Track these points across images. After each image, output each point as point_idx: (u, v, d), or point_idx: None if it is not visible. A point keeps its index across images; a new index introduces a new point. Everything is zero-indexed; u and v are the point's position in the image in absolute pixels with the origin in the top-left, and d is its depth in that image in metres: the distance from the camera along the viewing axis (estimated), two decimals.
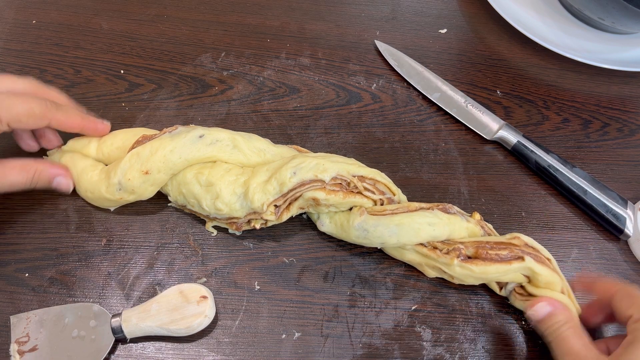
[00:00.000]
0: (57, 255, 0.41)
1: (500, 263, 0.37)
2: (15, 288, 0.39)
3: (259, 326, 0.39)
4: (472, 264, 0.37)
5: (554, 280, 0.37)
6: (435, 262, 0.39)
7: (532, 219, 0.45)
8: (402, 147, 0.48)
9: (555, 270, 0.38)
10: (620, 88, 0.53)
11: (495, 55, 0.55)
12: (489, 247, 0.38)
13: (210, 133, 0.40)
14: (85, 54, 0.51)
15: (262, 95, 0.50)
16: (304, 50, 0.53)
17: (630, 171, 0.48)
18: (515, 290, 0.39)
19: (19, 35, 0.52)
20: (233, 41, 0.53)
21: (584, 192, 0.45)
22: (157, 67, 0.51)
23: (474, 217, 0.41)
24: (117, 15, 0.54)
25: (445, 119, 0.50)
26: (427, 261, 0.39)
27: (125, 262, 0.41)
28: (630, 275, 0.43)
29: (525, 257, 0.37)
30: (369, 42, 0.54)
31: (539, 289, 0.38)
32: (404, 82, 0.52)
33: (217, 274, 0.41)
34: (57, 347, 0.36)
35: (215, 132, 0.40)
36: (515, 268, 0.37)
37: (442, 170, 0.47)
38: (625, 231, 0.43)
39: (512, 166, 0.48)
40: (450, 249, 0.38)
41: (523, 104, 0.52)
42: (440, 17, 0.57)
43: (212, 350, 0.38)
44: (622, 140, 0.50)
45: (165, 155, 0.38)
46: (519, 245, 0.38)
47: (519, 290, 0.39)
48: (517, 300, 0.39)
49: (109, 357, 0.37)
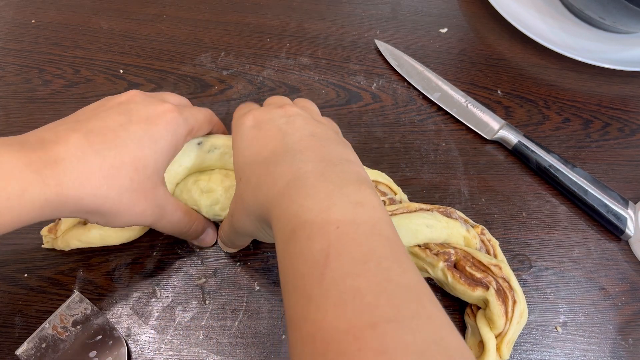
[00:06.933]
0: (56, 255, 0.41)
1: (467, 286, 0.36)
2: (14, 288, 0.39)
3: (259, 327, 0.39)
4: (450, 274, 0.37)
5: (498, 323, 0.35)
6: (423, 261, 0.38)
7: (532, 219, 0.45)
8: (402, 146, 0.48)
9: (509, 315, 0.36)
10: (621, 88, 0.53)
11: (496, 54, 0.55)
12: (470, 263, 0.37)
13: (209, 140, 0.39)
14: (84, 54, 0.51)
15: (262, 94, 0.50)
16: (304, 50, 0.53)
17: (631, 171, 0.48)
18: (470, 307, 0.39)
19: (18, 35, 0.52)
20: (233, 41, 0.53)
21: (584, 192, 0.44)
22: (157, 66, 0.51)
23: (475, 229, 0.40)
24: (117, 15, 0.54)
25: (445, 119, 0.50)
26: (416, 261, 0.39)
27: (124, 262, 0.41)
28: (631, 276, 0.43)
29: (491, 287, 0.36)
30: (369, 42, 0.54)
31: (482, 319, 0.37)
32: (404, 81, 0.52)
33: (216, 275, 0.41)
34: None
35: (213, 139, 0.39)
36: (477, 296, 0.36)
37: (443, 170, 0.47)
38: (626, 231, 0.43)
39: (512, 166, 0.48)
40: (440, 251, 0.38)
41: (524, 104, 0.51)
42: (441, 17, 0.57)
43: (211, 351, 0.38)
44: (623, 140, 0.50)
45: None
46: (496, 274, 0.37)
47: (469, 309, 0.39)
48: (468, 316, 0.39)
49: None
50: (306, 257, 0.25)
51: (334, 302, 0.22)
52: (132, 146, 0.32)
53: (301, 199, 0.27)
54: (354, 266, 0.24)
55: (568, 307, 0.41)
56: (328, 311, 0.22)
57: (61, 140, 0.29)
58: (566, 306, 0.41)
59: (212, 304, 0.39)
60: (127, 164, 0.31)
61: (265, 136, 0.32)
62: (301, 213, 0.26)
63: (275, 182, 0.29)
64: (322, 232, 0.25)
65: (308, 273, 0.24)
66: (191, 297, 0.40)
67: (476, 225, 0.41)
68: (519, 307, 0.36)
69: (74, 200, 0.29)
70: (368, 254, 0.24)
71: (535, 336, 0.40)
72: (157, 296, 0.39)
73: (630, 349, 0.40)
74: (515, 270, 0.41)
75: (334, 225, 0.25)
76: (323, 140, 0.32)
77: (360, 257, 0.24)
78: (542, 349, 0.39)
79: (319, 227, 0.25)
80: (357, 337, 0.21)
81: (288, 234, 0.26)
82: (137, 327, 0.38)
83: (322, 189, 0.27)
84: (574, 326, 0.40)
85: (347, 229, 0.25)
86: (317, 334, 0.22)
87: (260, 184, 0.30)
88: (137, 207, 0.32)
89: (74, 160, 0.29)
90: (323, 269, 0.24)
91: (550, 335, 0.40)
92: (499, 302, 0.36)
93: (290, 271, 0.26)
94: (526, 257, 0.43)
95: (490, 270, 0.37)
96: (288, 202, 0.28)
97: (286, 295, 0.26)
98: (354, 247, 0.24)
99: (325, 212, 0.26)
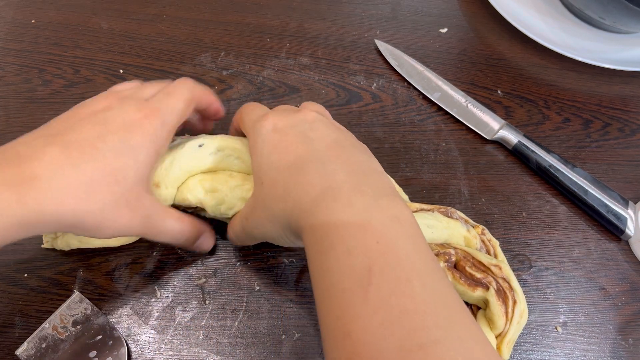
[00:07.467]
0: (56, 256, 0.41)
1: (467, 287, 0.36)
2: (14, 288, 0.39)
3: (259, 327, 0.39)
4: (450, 275, 0.37)
5: (498, 323, 0.35)
6: None
7: (532, 219, 0.45)
8: (402, 146, 0.48)
9: (509, 315, 0.36)
10: (621, 88, 0.53)
11: (496, 54, 0.55)
12: (470, 264, 0.37)
13: (212, 142, 0.38)
14: (84, 54, 0.51)
15: (262, 94, 0.50)
16: (304, 50, 0.53)
17: (631, 171, 0.48)
18: (470, 307, 0.39)
19: (18, 35, 0.52)
20: (232, 41, 0.53)
21: (584, 192, 0.44)
22: (157, 66, 0.51)
23: (475, 229, 0.40)
24: (116, 15, 0.54)
25: (445, 119, 0.50)
26: None
27: (124, 262, 0.41)
28: (631, 276, 0.43)
29: (491, 287, 0.36)
30: (369, 42, 0.54)
31: (482, 320, 0.36)
32: (404, 81, 0.52)
33: (216, 275, 0.41)
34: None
35: (216, 140, 0.38)
36: (477, 296, 0.36)
37: (443, 170, 0.47)
38: (626, 231, 0.43)
39: (512, 166, 0.48)
40: (440, 252, 0.38)
41: (524, 104, 0.51)
42: (441, 17, 0.57)
43: (211, 351, 0.38)
44: (623, 140, 0.50)
45: (166, 168, 0.37)
46: (496, 274, 0.37)
47: (469, 310, 0.38)
48: None
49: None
50: (347, 273, 0.24)
51: (381, 322, 0.23)
52: (110, 157, 0.31)
53: (338, 211, 0.27)
54: (398, 284, 0.24)
55: (568, 307, 0.41)
56: (376, 332, 0.22)
57: (37, 155, 0.29)
58: (566, 306, 0.41)
59: (212, 304, 0.39)
60: (107, 176, 0.30)
61: (289, 141, 0.32)
62: (339, 225, 0.26)
63: (306, 191, 0.28)
64: (362, 247, 0.25)
65: (349, 289, 0.24)
66: (191, 297, 0.40)
67: (476, 225, 0.41)
68: (519, 307, 0.36)
69: (54, 218, 0.28)
70: (411, 271, 0.24)
71: (535, 336, 0.40)
72: (157, 296, 0.39)
73: (631, 349, 0.40)
74: (516, 270, 0.41)
75: (374, 240, 0.25)
76: (348, 147, 0.32)
77: (404, 275, 0.24)
78: (542, 349, 0.39)
79: (359, 241, 0.25)
80: (406, 358, 0.21)
81: (325, 247, 0.26)
82: (137, 327, 0.38)
83: (358, 202, 0.27)
84: (574, 326, 0.40)
85: (387, 245, 0.25)
86: (364, 352, 0.22)
87: (289, 191, 0.29)
88: (121, 219, 0.31)
89: (51, 176, 0.28)
90: (367, 286, 0.23)
91: (550, 335, 0.40)
92: (499, 302, 0.36)
93: (327, 285, 0.25)
94: (526, 257, 0.43)
95: (490, 270, 0.37)
96: (324, 214, 0.27)
97: (323, 309, 0.25)
98: (397, 264, 0.24)
99: (364, 227, 0.26)
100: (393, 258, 0.25)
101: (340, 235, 0.26)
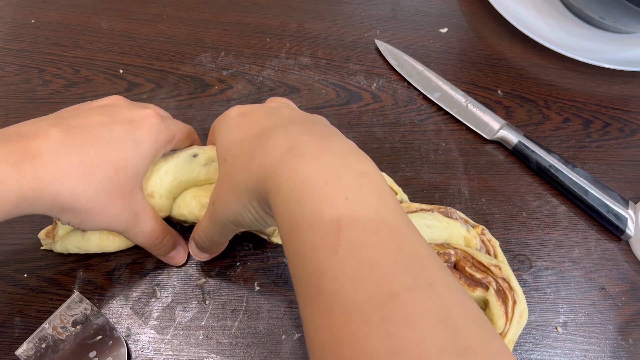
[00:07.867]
0: (56, 256, 0.41)
1: (467, 287, 0.36)
2: (14, 288, 0.39)
3: (259, 327, 0.39)
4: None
5: (498, 323, 0.35)
6: None
7: (532, 219, 0.45)
8: (402, 146, 0.48)
9: (509, 316, 0.36)
10: (621, 88, 0.53)
11: (496, 54, 0.55)
12: (470, 264, 0.37)
13: (206, 152, 0.38)
14: (84, 54, 0.51)
15: (262, 94, 0.50)
16: (304, 50, 0.53)
17: (631, 171, 0.48)
18: None
19: (18, 35, 0.52)
20: (232, 41, 0.53)
21: (585, 192, 0.44)
22: (157, 66, 0.51)
23: (475, 229, 0.40)
24: (116, 15, 0.54)
25: (445, 119, 0.50)
26: None
27: (124, 262, 0.41)
28: (631, 276, 0.43)
29: (490, 287, 0.36)
30: (369, 42, 0.54)
31: None
32: (404, 81, 0.52)
33: (216, 275, 0.41)
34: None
35: (210, 151, 0.38)
36: (477, 296, 0.36)
37: (443, 170, 0.47)
38: (627, 231, 0.43)
39: (513, 166, 0.48)
40: (440, 252, 0.38)
41: (524, 104, 0.51)
42: (441, 17, 0.57)
43: (211, 351, 0.38)
44: (623, 140, 0.50)
45: (160, 177, 0.36)
46: (496, 274, 0.37)
47: None
48: None
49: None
50: (316, 229, 0.24)
51: (351, 274, 0.22)
52: (114, 146, 0.31)
53: (304, 168, 0.26)
54: (367, 236, 0.23)
55: (568, 307, 0.41)
56: (345, 283, 0.22)
57: (41, 134, 0.29)
58: (566, 306, 0.41)
59: (212, 304, 0.39)
60: (108, 163, 0.31)
61: (254, 119, 0.31)
62: (306, 183, 0.25)
63: (270, 152, 0.28)
64: (331, 203, 0.24)
65: (319, 245, 0.23)
66: (191, 297, 0.40)
67: (476, 225, 0.41)
68: (519, 307, 0.36)
69: (51, 197, 0.29)
70: (380, 223, 0.24)
71: (535, 336, 0.40)
72: (157, 296, 0.39)
73: (631, 349, 0.40)
74: (516, 271, 0.42)
75: (342, 195, 0.25)
76: (313, 121, 0.32)
77: (373, 227, 0.24)
78: (543, 349, 0.39)
79: (327, 198, 0.25)
80: (379, 307, 0.21)
81: (293, 204, 0.25)
82: (137, 327, 0.38)
83: (324, 159, 0.26)
84: (574, 326, 0.40)
85: (356, 199, 0.24)
86: (335, 306, 0.22)
87: (254, 157, 0.29)
88: (112, 208, 0.32)
89: (53, 155, 0.29)
90: (336, 241, 0.23)
91: (550, 335, 0.40)
92: (499, 302, 0.36)
93: (297, 242, 0.25)
94: (526, 257, 0.43)
95: (490, 270, 0.37)
96: (289, 171, 0.26)
97: (295, 271, 0.25)
98: (366, 218, 0.24)
99: (331, 182, 0.25)
100: (362, 212, 0.24)
101: (309, 190, 0.25)
